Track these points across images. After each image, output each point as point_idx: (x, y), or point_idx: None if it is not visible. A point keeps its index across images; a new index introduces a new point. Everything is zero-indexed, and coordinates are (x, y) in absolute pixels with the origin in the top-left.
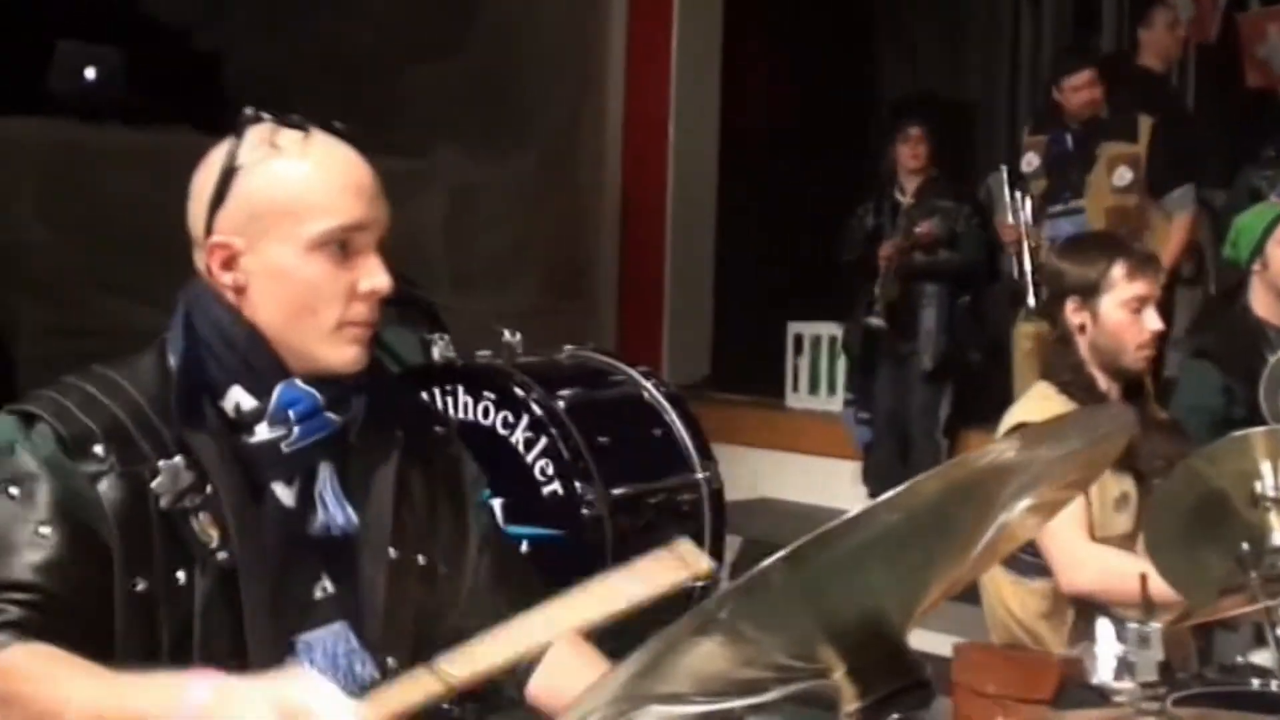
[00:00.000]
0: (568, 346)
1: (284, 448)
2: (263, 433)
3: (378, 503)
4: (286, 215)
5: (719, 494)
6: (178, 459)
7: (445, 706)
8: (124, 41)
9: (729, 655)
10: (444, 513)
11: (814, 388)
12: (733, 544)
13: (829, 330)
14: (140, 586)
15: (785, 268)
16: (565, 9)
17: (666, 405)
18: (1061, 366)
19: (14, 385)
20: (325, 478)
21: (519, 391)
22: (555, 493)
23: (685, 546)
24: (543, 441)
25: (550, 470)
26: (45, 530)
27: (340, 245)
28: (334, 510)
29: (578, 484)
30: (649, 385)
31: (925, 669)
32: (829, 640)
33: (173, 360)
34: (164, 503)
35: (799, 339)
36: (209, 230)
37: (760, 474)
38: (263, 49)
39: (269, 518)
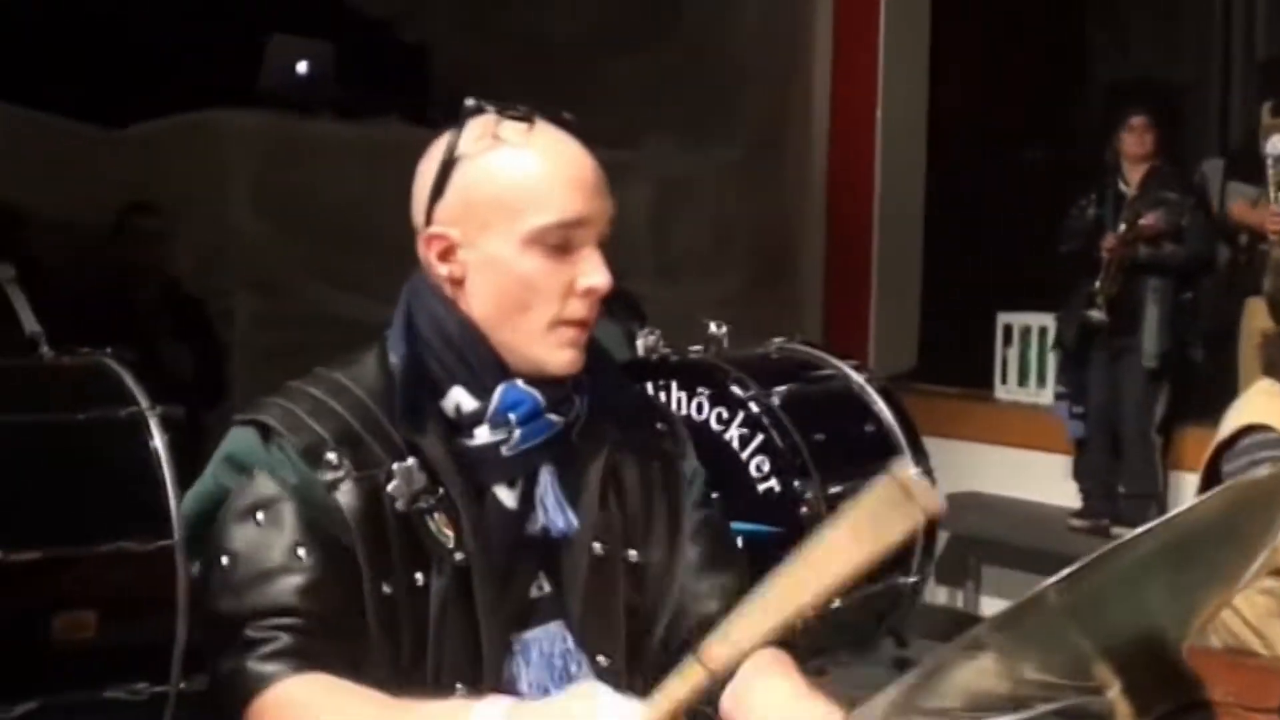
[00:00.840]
0: (775, 339)
1: (504, 451)
2: (483, 435)
3: (588, 500)
4: (504, 208)
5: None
6: (410, 461)
7: None
8: (334, 35)
9: (1000, 673)
10: (659, 508)
11: (1023, 379)
12: (939, 539)
13: (1039, 321)
14: (386, 590)
15: (994, 257)
16: None
17: (877, 399)
18: None
19: (225, 374)
20: (546, 481)
21: (734, 388)
22: (772, 490)
23: (908, 475)
24: (759, 438)
25: (766, 467)
26: (300, 552)
27: (559, 240)
28: (554, 514)
29: (795, 481)
30: (859, 378)
31: (1203, 689)
32: (1103, 658)
33: (394, 360)
34: (400, 505)
35: (1008, 330)
36: (428, 220)
37: (967, 467)
38: (468, 40)
39: (491, 519)
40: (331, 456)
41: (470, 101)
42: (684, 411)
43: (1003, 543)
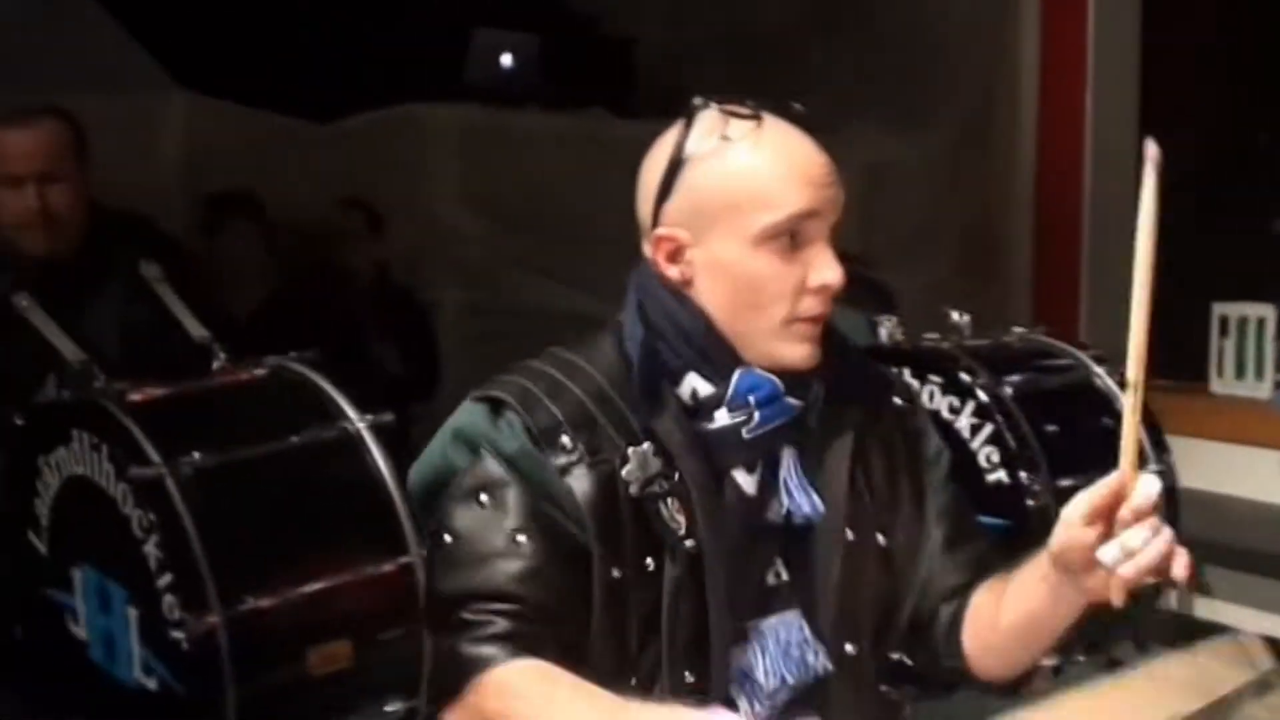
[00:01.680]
0: (1017, 328)
1: (745, 433)
2: (723, 418)
3: (835, 484)
4: (733, 208)
5: (1171, 491)
6: (645, 445)
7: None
8: (538, 28)
9: None
10: (904, 490)
11: (1240, 372)
12: None
13: (1258, 311)
14: (615, 575)
15: (1210, 246)
16: None
17: (1119, 394)
18: None
19: (437, 362)
20: (789, 464)
21: (964, 376)
22: (1000, 481)
23: (1250, 640)
24: (988, 428)
25: (995, 458)
26: (521, 539)
27: (790, 237)
28: (799, 498)
29: (1022, 473)
30: (1100, 371)
31: None
32: None
33: (630, 346)
34: (633, 490)
35: (1224, 320)
36: (656, 221)
37: (1181, 463)
38: (672, 30)
39: (729, 504)
40: (566, 440)
41: (697, 100)
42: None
43: (1221, 543)
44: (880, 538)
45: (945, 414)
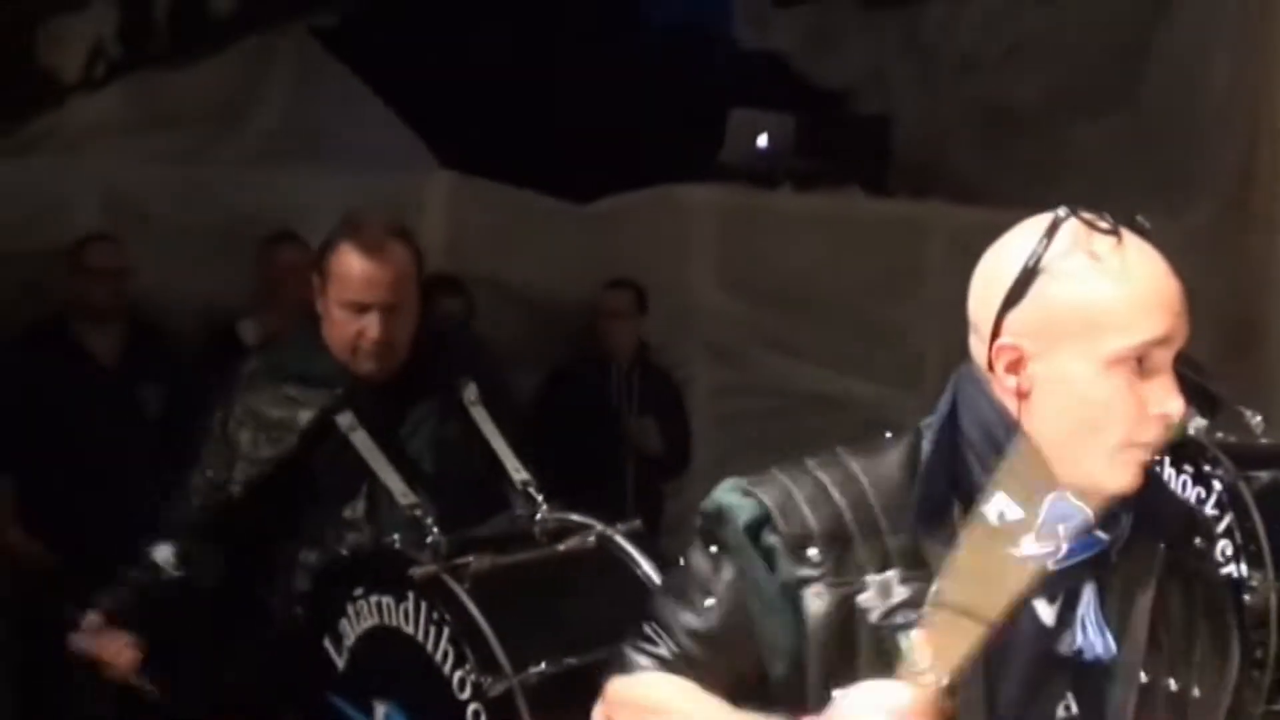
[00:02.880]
0: None
1: (1050, 564)
2: (1029, 546)
3: (1135, 624)
4: (1089, 327)
5: None
6: (889, 574)
7: None
8: (794, 107)
9: None
10: (1202, 631)
11: None
12: None
13: None
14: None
15: None
16: (1236, 54)
17: None
18: None
19: (688, 440)
20: (1088, 600)
21: (1207, 468)
22: (1230, 575)
23: None
24: (1225, 521)
25: (1228, 552)
26: (710, 602)
27: (1138, 361)
28: (1093, 637)
29: (1245, 567)
30: None
31: None
32: None
33: (925, 453)
34: (873, 617)
35: None
36: (997, 329)
37: None
38: (928, 109)
39: (1024, 633)
40: (813, 554)
41: (1061, 210)
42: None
43: None
44: (1172, 682)
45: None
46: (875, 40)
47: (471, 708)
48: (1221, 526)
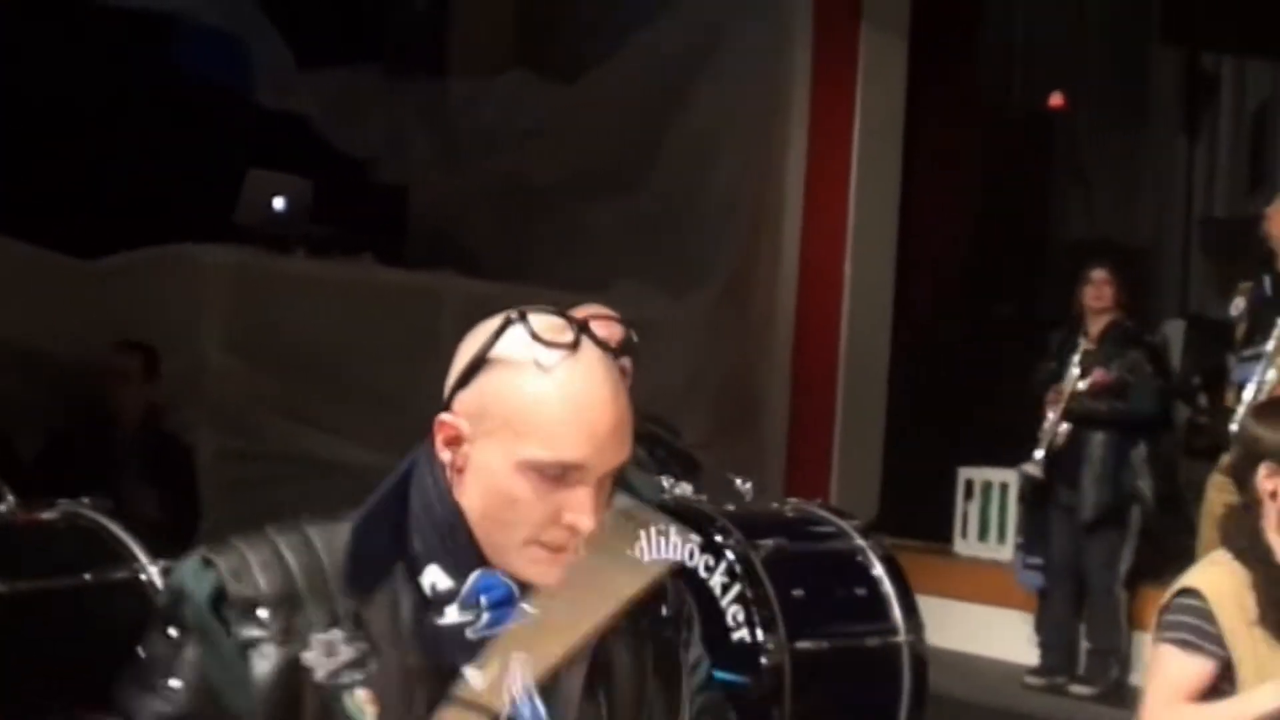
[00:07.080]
0: (792, 499)
1: (469, 633)
2: (452, 615)
3: (565, 693)
4: (509, 427)
5: (921, 659)
6: (334, 632)
7: None
8: (311, 172)
9: None
10: (654, 698)
11: (984, 534)
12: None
13: (1000, 476)
14: None
15: (957, 411)
16: (745, 147)
17: (877, 564)
18: (1239, 532)
19: (198, 505)
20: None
21: (718, 537)
22: (743, 639)
23: None
24: (736, 588)
25: (740, 617)
26: (176, 685)
27: (555, 475)
28: (522, 705)
29: (760, 633)
30: (865, 543)
31: None
32: None
33: (349, 524)
34: (318, 676)
35: (969, 484)
36: (448, 402)
37: (927, 622)
38: (444, 182)
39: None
40: (262, 614)
41: (514, 312)
42: (678, 556)
43: (957, 699)
44: None
45: (702, 572)
46: (397, 111)
47: None
48: (733, 594)
